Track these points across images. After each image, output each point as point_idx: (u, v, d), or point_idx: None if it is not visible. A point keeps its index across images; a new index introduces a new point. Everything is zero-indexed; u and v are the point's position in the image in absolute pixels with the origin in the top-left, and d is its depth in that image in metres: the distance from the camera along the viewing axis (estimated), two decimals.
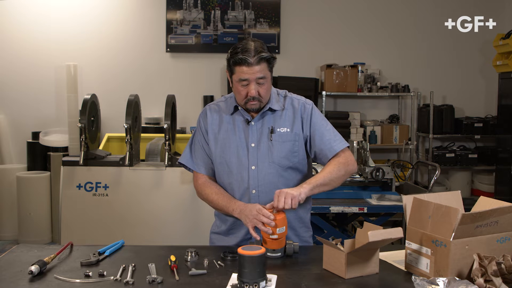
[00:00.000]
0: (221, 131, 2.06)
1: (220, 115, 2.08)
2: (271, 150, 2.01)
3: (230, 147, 2.03)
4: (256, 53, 1.89)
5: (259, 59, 1.89)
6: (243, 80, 1.92)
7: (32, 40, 5.61)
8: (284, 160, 2.02)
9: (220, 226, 2.15)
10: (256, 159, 2.00)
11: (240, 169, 2.01)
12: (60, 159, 4.22)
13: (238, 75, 1.92)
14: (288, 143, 2.02)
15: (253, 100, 1.95)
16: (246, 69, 1.89)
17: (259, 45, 1.92)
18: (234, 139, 2.03)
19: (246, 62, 1.88)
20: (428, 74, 5.93)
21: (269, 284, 1.56)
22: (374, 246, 1.63)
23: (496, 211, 1.52)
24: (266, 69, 1.94)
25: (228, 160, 2.03)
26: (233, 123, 2.05)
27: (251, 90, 1.92)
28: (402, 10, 5.91)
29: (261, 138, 2.02)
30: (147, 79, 5.71)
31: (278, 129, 2.02)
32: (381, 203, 3.25)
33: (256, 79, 1.92)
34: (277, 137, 2.02)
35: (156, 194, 3.69)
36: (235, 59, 1.90)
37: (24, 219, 5.03)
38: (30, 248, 1.91)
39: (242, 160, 2.01)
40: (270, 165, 2.00)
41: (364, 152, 3.46)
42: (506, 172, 4.87)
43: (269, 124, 2.03)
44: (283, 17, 5.77)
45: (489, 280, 1.43)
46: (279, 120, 2.04)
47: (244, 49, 1.89)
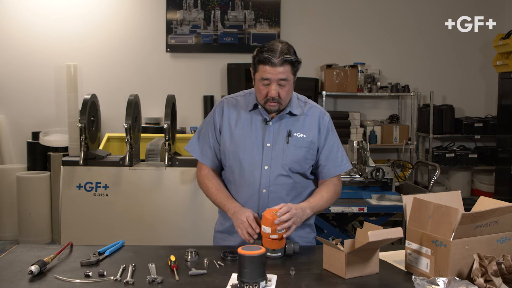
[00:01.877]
0: (237, 127, 2.05)
1: (237, 110, 2.07)
2: (286, 153, 2.01)
3: (245, 144, 2.03)
4: (281, 54, 1.89)
5: (283, 60, 1.89)
6: (265, 79, 1.92)
7: (32, 40, 5.61)
8: (296, 165, 2.02)
9: (223, 224, 2.15)
10: (270, 159, 2.01)
11: (253, 167, 2.01)
12: (60, 159, 4.22)
13: (261, 73, 1.92)
14: (303, 149, 2.03)
15: (273, 101, 1.95)
16: (269, 68, 1.90)
17: (285, 47, 1.92)
18: (250, 136, 2.03)
19: (270, 61, 1.89)
20: (428, 74, 5.93)
21: (269, 284, 1.56)
22: (374, 246, 1.63)
23: (496, 211, 1.52)
24: (289, 71, 1.93)
25: (242, 157, 2.02)
26: (251, 121, 2.05)
27: (271, 91, 1.92)
28: (402, 10, 5.91)
29: (277, 139, 2.02)
30: (147, 79, 5.71)
31: (295, 133, 2.03)
32: (381, 203, 3.24)
33: (278, 80, 1.92)
34: (294, 141, 2.02)
35: (156, 194, 3.69)
36: (259, 57, 1.91)
37: (24, 219, 5.03)
38: (30, 248, 1.91)
39: (256, 159, 2.01)
40: (282, 167, 2.00)
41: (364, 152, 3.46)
42: (506, 172, 4.87)
43: (287, 127, 2.03)
44: (283, 17, 5.77)
45: (489, 280, 1.43)
46: (297, 125, 2.04)
47: (270, 49, 1.90)
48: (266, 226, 1.82)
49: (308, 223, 2.12)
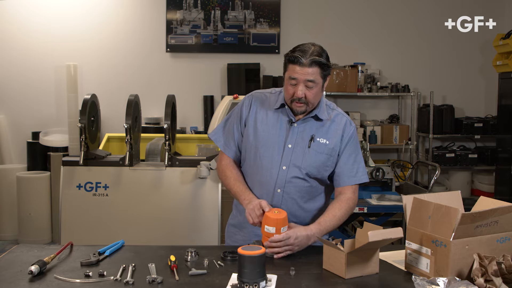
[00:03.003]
0: (262, 123, 2.05)
1: (265, 106, 2.07)
2: (306, 157, 2.00)
3: (268, 141, 2.02)
4: (311, 55, 1.89)
5: (311, 61, 1.89)
6: (293, 78, 1.92)
7: (32, 40, 5.61)
8: (314, 170, 2.01)
9: (236, 217, 2.16)
10: (289, 160, 2.00)
11: (271, 166, 2.01)
12: (60, 159, 4.21)
13: (290, 73, 1.93)
14: (323, 155, 2.02)
15: (299, 102, 1.94)
16: (298, 68, 1.90)
17: (317, 49, 1.93)
18: (273, 135, 2.03)
19: (299, 61, 1.89)
20: (428, 74, 5.93)
21: (269, 284, 1.56)
22: (374, 246, 1.63)
23: (496, 211, 1.52)
24: (318, 74, 1.92)
25: (262, 154, 2.02)
26: (276, 119, 2.04)
27: (298, 91, 1.92)
28: (402, 10, 5.91)
29: (300, 141, 2.01)
30: (147, 79, 5.71)
31: (318, 138, 2.02)
32: (381, 203, 3.24)
33: (305, 81, 1.91)
34: (316, 146, 2.01)
35: (156, 194, 3.69)
36: (290, 56, 1.92)
37: (24, 219, 5.03)
38: (30, 248, 1.90)
39: (275, 158, 2.01)
40: (300, 170, 2.00)
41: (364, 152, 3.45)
42: (506, 172, 4.87)
43: (311, 131, 2.02)
44: (283, 17, 5.77)
45: (489, 280, 1.43)
46: (322, 130, 2.03)
47: (302, 50, 1.91)
48: (270, 226, 1.82)
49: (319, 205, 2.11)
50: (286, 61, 1.95)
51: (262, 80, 5.60)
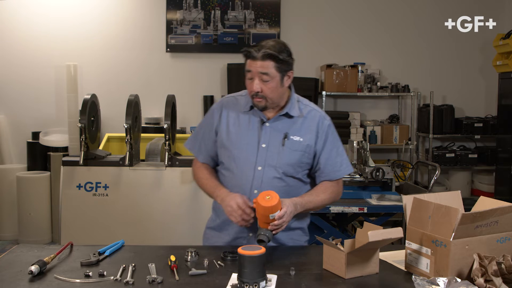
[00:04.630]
0: (234, 126, 2.05)
1: (236, 109, 2.08)
2: (280, 156, 1.99)
3: (241, 143, 2.02)
4: (262, 48, 1.90)
5: (263, 54, 1.89)
6: (248, 71, 1.94)
7: (32, 40, 5.61)
8: (290, 168, 2.01)
9: (215, 220, 2.16)
10: (264, 160, 1.99)
11: (246, 167, 2.00)
12: (60, 159, 4.21)
13: (246, 66, 1.95)
14: (298, 152, 2.01)
15: (257, 96, 1.95)
16: (251, 62, 1.92)
17: (273, 44, 1.93)
18: (246, 136, 2.03)
19: (252, 55, 1.91)
20: (428, 74, 5.93)
21: (269, 284, 1.56)
22: (374, 246, 1.63)
23: (496, 211, 1.52)
24: (273, 68, 1.91)
25: (236, 156, 2.02)
26: (248, 120, 2.05)
27: (253, 85, 1.93)
28: (402, 10, 5.91)
29: (273, 140, 2.01)
30: (147, 79, 5.71)
31: (292, 136, 2.01)
32: (381, 203, 3.24)
33: (259, 74, 1.91)
34: (290, 144, 2.00)
35: (156, 194, 3.69)
36: (244, 50, 1.95)
37: (24, 219, 5.03)
38: (30, 248, 1.90)
39: (250, 159, 2.00)
40: (276, 169, 1.99)
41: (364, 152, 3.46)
42: (506, 172, 4.87)
43: (284, 129, 2.02)
44: (283, 17, 5.77)
45: (489, 280, 1.43)
46: (295, 127, 2.02)
47: (258, 44, 1.93)
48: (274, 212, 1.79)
49: (300, 226, 2.11)
50: (243, 57, 1.96)
51: None
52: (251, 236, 2.02)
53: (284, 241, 2.06)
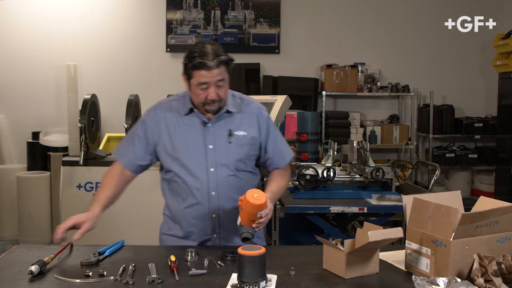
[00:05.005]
0: (176, 132, 2.02)
1: (174, 115, 2.05)
2: (228, 153, 2.00)
3: (187, 148, 2.00)
4: (215, 56, 1.89)
5: (218, 62, 1.90)
6: (203, 83, 1.91)
7: (32, 40, 5.61)
8: (241, 163, 2.03)
9: (172, 228, 2.13)
10: (214, 161, 1.99)
11: (199, 170, 1.99)
12: (60, 159, 4.22)
13: (198, 79, 1.91)
14: (245, 146, 2.03)
15: (213, 103, 1.95)
16: (205, 72, 1.89)
17: (217, 48, 1.93)
18: (191, 140, 2.01)
19: (206, 65, 1.88)
20: (428, 74, 5.93)
21: (269, 284, 1.56)
22: (374, 246, 1.63)
23: (496, 211, 1.52)
24: (225, 71, 1.94)
25: (186, 162, 2.00)
26: (189, 124, 2.02)
27: (211, 94, 1.92)
28: (402, 10, 5.91)
29: (219, 140, 2.01)
30: (147, 79, 5.71)
31: (236, 132, 2.03)
32: (381, 203, 3.24)
33: (216, 82, 1.92)
34: (235, 140, 2.02)
35: (156, 194, 3.67)
36: (193, 63, 1.90)
37: (24, 219, 5.03)
38: (30, 248, 1.90)
39: (201, 162, 1.99)
40: (228, 167, 2.00)
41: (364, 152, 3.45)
42: (506, 172, 4.87)
43: (226, 127, 2.03)
44: (283, 17, 5.77)
45: (489, 280, 1.43)
46: (236, 123, 2.04)
47: (203, 53, 1.89)
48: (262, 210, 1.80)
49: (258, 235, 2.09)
50: (189, 68, 1.92)
51: (262, 80, 5.60)
52: (215, 237, 2.04)
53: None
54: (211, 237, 2.05)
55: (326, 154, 3.61)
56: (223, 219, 2.03)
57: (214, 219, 2.02)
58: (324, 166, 3.36)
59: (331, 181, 3.35)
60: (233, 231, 2.03)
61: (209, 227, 2.03)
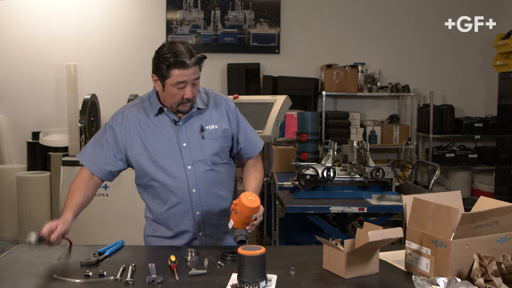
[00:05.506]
0: (148, 135, 2.00)
1: (143, 118, 2.02)
2: (203, 148, 2.01)
3: (161, 149, 1.99)
4: (191, 54, 1.88)
5: (196, 60, 1.89)
6: (181, 82, 1.89)
7: (32, 40, 5.61)
8: (217, 157, 2.04)
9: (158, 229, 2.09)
10: (190, 158, 2.00)
11: (177, 170, 1.99)
12: (60, 159, 4.22)
13: (175, 78, 1.88)
14: (218, 139, 2.04)
15: (188, 102, 1.95)
16: (184, 71, 1.87)
17: (190, 47, 1.91)
18: (164, 141, 2.00)
19: (184, 64, 1.86)
20: (428, 74, 5.93)
21: (269, 284, 1.56)
22: (374, 246, 1.63)
23: (496, 211, 1.52)
24: (199, 70, 1.94)
25: (162, 163, 1.99)
26: (160, 125, 2.01)
27: (187, 92, 1.91)
28: (402, 10, 5.91)
29: (192, 137, 2.01)
30: (147, 79, 5.65)
31: (207, 126, 2.03)
32: (381, 203, 3.24)
33: (192, 81, 1.91)
34: (208, 134, 2.03)
35: None
36: (171, 62, 1.86)
37: (24, 219, 5.03)
38: (30, 248, 1.90)
39: (177, 161, 1.99)
40: (205, 163, 2.01)
41: (364, 152, 3.45)
42: (506, 172, 4.87)
43: (197, 123, 2.03)
44: (283, 17, 5.77)
45: (489, 280, 1.43)
46: (206, 118, 2.05)
47: (178, 52, 1.86)
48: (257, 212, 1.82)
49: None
50: (165, 67, 1.87)
51: (262, 80, 5.60)
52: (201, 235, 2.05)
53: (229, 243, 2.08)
54: (197, 235, 2.05)
55: (326, 154, 3.60)
56: (206, 216, 2.03)
57: (198, 216, 2.03)
58: (324, 166, 3.36)
59: (331, 181, 3.35)
60: (218, 228, 2.06)
61: (194, 225, 2.04)
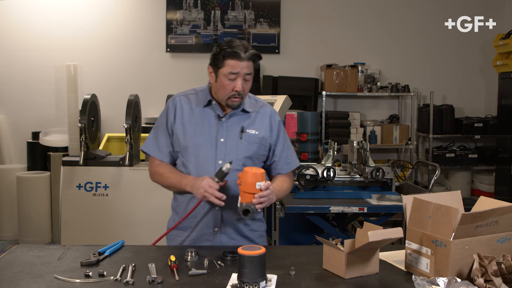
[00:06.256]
0: (191, 123, 2.07)
1: (190, 107, 2.10)
2: (239, 148, 2.05)
3: (199, 139, 2.05)
4: (246, 49, 1.96)
5: (250, 55, 1.96)
6: (233, 73, 1.96)
7: (32, 40, 5.61)
8: (248, 160, 2.07)
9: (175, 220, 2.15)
10: (223, 154, 2.04)
11: (207, 162, 2.04)
12: (60, 159, 4.22)
13: (228, 68, 1.96)
14: (255, 145, 2.08)
15: (238, 96, 1.99)
16: (237, 62, 1.95)
17: (246, 44, 2.00)
18: (204, 132, 2.06)
19: (239, 56, 1.94)
20: (428, 74, 5.93)
21: (269, 284, 1.56)
22: (374, 246, 1.63)
23: (496, 211, 1.52)
24: (252, 67, 2.00)
25: (196, 153, 2.05)
26: (204, 117, 2.08)
27: (238, 85, 1.97)
28: (402, 10, 5.91)
29: (231, 135, 2.06)
30: (147, 79, 5.71)
31: (248, 130, 2.08)
32: (381, 203, 3.24)
33: (244, 75, 1.97)
34: (247, 137, 2.07)
35: (156, 194, 3.69)
36: (227, 51, 1.95)
37: (24, 219, 5.03)
38: (30, 248, 1.90)
39: (210, 154, 2.04)
40: (236, 162, 2.02)
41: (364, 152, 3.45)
42: (506, 172, 4.87)
43: (240, 123, 2.08)
44: (283, 17, 5.77)
45: (489, 280, 1.43)
46: (249, 121, 2.09)
47: (235, 44, 1.96)
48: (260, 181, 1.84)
49: (258, 217, 2.16)
50: (221, 57, 1.97)
51: (262, 80, 5.60)
52: (216, 230, 2.05)
53: (247, 233, 2.10)
54: (212, 230, 2.06)
55: (326, 154, 3.61)
56: (225, 213, 2.05)
57: (217, 211, 2.04)
58: (324, 166, 3.36)
59: (331, 181, 3.35)
60: (234, 227, 2.07)
61: (212, 219, 2.05)
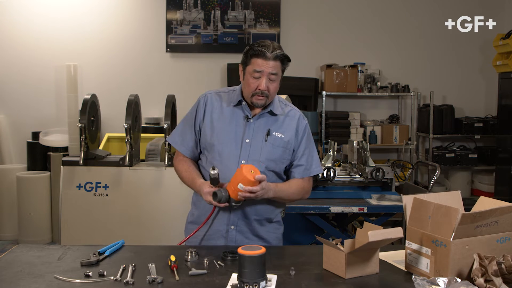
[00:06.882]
0: (219, 121, 2.09)
1: (220, 104, 2.12)
2: (263, 150, 2.06)
3: (225, 138, 2.07)
4: (274, 49, 1.98)
5: (276, 55, 1.98)
6: (257, 71, 1.98)
7: (32, 40, 5.61)
8: (272, 163, 2.07)
9: (194, 213, 2.19)
10: (247, 154, 2.05)
11: (230, 161, 2.04)
12: (60, 159, 4.22)
13: (253, 66, 1.98)
14: (280, 148, 2.08)
15: (262, 95, 2.00)
16: (262, 61, 1.97)
17: (277, 45, 2.03)
18: (230, 131, 2.07)
19: (264, 55, 1.96)
20: (428, 74, 5.93)
21: (269, 284, 1.56)
22: (374, 246, 1.63)
23: (496, 211, 1.52)
24: (279, 68, 2.01)
25: (221, 150, 2.06)
26: (232, 116, 2.09)
27: (262, 84, 1.98)
28: (402, 10, 5.91)
29: (256, 136, 2.07)
30: (147, 79, 5.71)
31: (274, 132, 2.08)
32: (381, 203, 3.24)
33: (269, 74, 1.98)
34: (272, 140, 2.08)
35: (156, 194, 3.69)
36: (254, 50, 1.98)
37: (24, 219, 5.03)
38: (30, 248, 1.90)
39: (234, 153, 2.05)
40: (259, 163, 2.03)
41: (364, 152, 3.45)
42: (506, 172, 4.87)
43: (266, 126, 2.09)
44: (283, 17, 5.77)
45: (489, 280, 1.43)
46: (276, 124, 2.10)
47: (264, 45, 1.99)
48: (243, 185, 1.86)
49: (275, 220, 2.17)
50: (249, 55, 2.00)
51: None
52: (233, 228, 2.07)
53: (262, 234, 2.11)
54: (228, 228, 2.07)
55: (326, 154, 3.61)
56: (243, 212, 2.06)
57: (235, 209, 2.05)
58: (324, 166, 3.36)
59: (331, 181, 3.35)
60: (250, 227, 2.08)
61: (228, 217, 2.06)
